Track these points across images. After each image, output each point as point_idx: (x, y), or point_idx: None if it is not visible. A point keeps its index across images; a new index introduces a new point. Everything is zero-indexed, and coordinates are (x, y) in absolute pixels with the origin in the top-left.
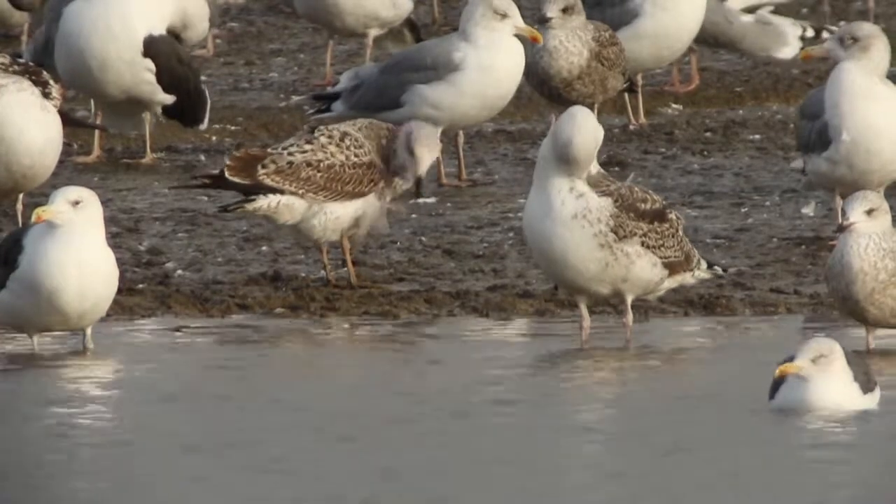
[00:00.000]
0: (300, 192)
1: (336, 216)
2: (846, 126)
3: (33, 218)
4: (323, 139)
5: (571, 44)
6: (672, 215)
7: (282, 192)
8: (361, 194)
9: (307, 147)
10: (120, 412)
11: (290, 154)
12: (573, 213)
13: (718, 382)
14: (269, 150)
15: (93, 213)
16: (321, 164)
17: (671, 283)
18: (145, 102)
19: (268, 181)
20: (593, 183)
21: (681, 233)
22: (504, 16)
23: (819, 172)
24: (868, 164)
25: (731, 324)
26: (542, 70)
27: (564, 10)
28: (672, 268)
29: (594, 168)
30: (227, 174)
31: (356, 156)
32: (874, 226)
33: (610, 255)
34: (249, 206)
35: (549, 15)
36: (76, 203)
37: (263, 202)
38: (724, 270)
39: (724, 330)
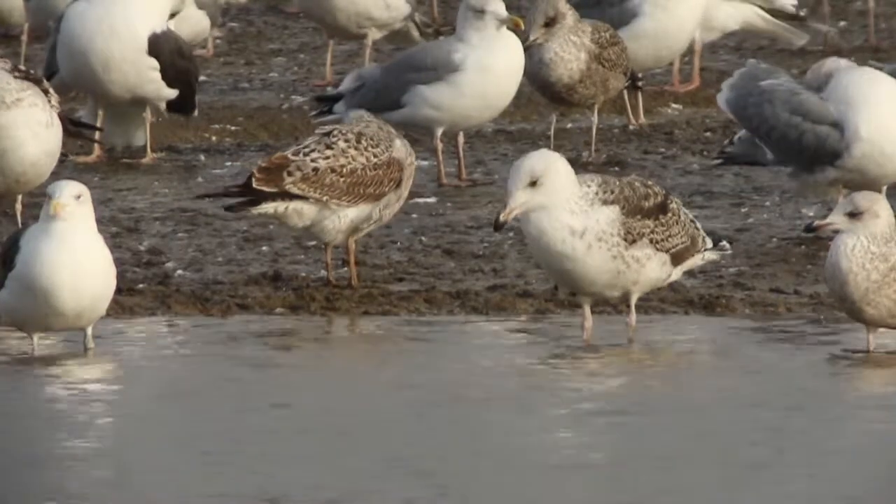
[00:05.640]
0: (324, 198)
1: (350, 219)
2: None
3: (51, 211)
4: (341, 143)
5: (567, 52)
6: (672, 203)
7: (305, 199)
8: (382, 195)
9: (329, 153)
10: (119, 413)
11: (313, 161)
12: (588, 245)
13: (718, 381)
14: (291, 156)
15: (89, 208)
16: (344, 169)
17: (680, 271)
18: (150, 100)
19: (294, 189)
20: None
21: (682, 217)
22: (482, 11)
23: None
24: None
25: (731, 323)
26: (542, 79)
27: (548, 24)
28: (680, 256)
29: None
30: (254, 183)
31: (375, 156)
32: (860, 227)
33: (622, 265)
34: (255, 210)
35: (531, 38)
36: (78, 197)
37: (270, 206)
38: (730, 243)
39: (723, 329)
